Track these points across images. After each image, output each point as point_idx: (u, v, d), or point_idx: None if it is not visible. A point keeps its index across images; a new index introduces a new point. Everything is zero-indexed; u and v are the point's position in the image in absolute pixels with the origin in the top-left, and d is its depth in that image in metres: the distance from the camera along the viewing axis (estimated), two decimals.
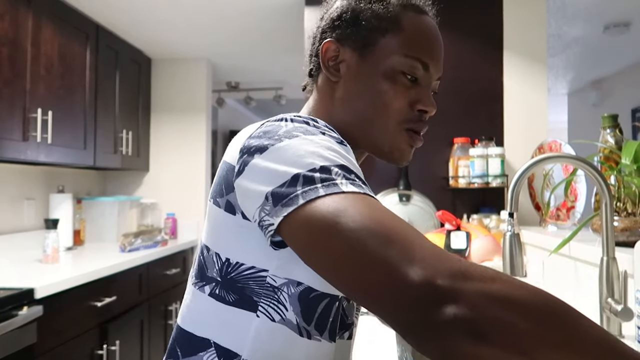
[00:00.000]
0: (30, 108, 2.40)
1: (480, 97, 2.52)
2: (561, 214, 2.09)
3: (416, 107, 0.77)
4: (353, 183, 0.58)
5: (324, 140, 0.64)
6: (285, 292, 0.68)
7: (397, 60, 0.76)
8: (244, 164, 0.64)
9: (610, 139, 1.45)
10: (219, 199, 0.70)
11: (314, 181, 0.58)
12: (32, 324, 1.85)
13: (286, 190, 0.58)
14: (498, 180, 2.31)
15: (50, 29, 2.58)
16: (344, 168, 0.60)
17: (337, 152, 0.63)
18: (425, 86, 0.78)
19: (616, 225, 1.32)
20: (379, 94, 0.76)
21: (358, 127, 0.78)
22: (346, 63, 0.79)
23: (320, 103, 0.82)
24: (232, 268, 0.69)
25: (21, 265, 2.41)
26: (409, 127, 0.78)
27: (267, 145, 0.64)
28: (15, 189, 2.82)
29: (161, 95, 3.94)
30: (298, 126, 0.66)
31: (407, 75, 0.76)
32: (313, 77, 0.85)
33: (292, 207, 0.57)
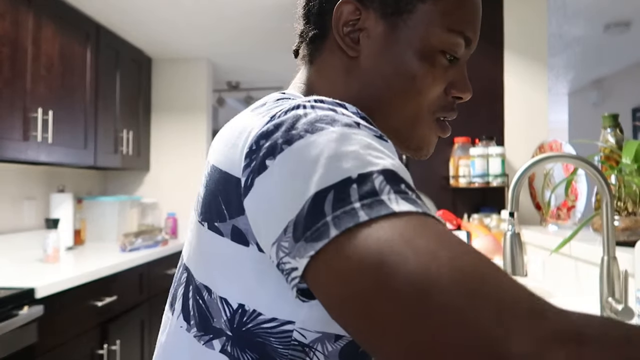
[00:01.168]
0: (30, 108, 2.40)
1: (480, 97, 2.52)
2: (562, 213, 2.08)
3: (451, 93, 0.62)
4: (406, 198, 0.41)
5: (361, 135, 0.46)
6: (320, 351, 0.50)
7: (439, 35, 0.58)
8: (254, 175, 0.46)
9: (611, 139, 1.45)
10: (219, 224, 0.50)
11: (349, 199, 0.40)
12: (32, 324, 1.85)
13: (311, 215, 0.40)
14: (498, 180, 2.31)
15: (50, 29, 2.58)
16: (391, 175, 0.42)
17: (380, 152, 0.45)
18: (460, 67, 0.62)
19: (617, 224, 1.32)
20: (412, 77, 0.59)
21: (380, 117, 0.61)
22: (369, 32, 0.60)
23: (326, 81, 0.63)
24: (248, 318, 0.50)
25: (22, 265, 2.41)
26: (440, 117, 0.63)
27: (280, 144, 0.45)
28: (16, 189, 2.82)
29: (162, 95, 3.94)
30: (323, 115, 0.47)
31: (447, 54, 0.60)
32: (313, 44, 0.64)
33: (320, 242, 0.39)
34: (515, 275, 1.13)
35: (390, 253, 0.36)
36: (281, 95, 0.56)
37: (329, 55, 0.63)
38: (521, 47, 2.52)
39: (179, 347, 0.56)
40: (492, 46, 2.52)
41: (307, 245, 0.40)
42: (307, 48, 0.65)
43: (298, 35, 0.67)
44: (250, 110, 0.54)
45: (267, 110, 0.51)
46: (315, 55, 0.64)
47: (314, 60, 0.64)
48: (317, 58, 0.64)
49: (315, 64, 0.64)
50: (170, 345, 0.57)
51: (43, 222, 2.98)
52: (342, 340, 0.50)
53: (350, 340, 0.51)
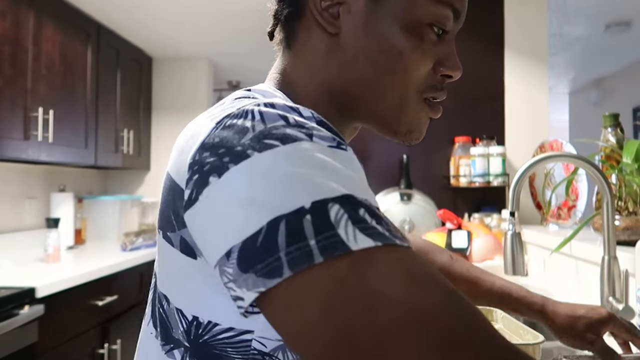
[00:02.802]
0: (31, 107, 2.40)
1: (481, 96, 2.52)
2: (562, 213, 2.08)
3: (439, 70, 0.57)
4: (365, 228, 0.38)
5: (314, 151, 0.42)
6: (280, 359, 0.49)
7: (427, 6, 0.53)
8: (197, 190, 0.43)
9: (612, 138, 1.45)
10: (170, 234, 0.48)
11: (303, 233, 0.37)
12: (33, 323, 1.85)
13: (260, 248, 0.38)
14: (499, 179, 2.31)
15: (51, 28, 2.58)
16: (348, 201, 0.39)
17: (335, 171, 0.41)
18: (448, 42, 0.57)
19: (617, 224, 1.32)
20: (399, 55, 0.54)
21: (365, 99, 0.56)
22: (349, 6, 0.54)
23: (305, 64, 0.58)
24: (204, 329, 0.48)
25: (22, 264, 2.41)
26: (430, 97, 0.58)
27: (225, 163, 0.41)
28: (17, 188, 2.82)
29: (162, 94, 3.95)
30: (272, 127, 0.43)
31: (434, 27, 0.55)
32: (288, 24, 0.59)
33: (272, 280, 0.37)
34: (515, 275, 1.13)
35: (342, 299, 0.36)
36: (243, 93, 0.53)
37: (306, 36, 0.57)
38: (522, 47, 2.51)
39: (150, 353, 0.54)
40: (492, 45, 2.52)
41: (257, 280, 0.38)
42: (283, 30, 0.60)
43: (272, 16, 0.61)
44: (208, 111, 0.52)
45: (218, 112, 0.48)
46: (291, 38, 0.59)
47: (291, 44, 0.59)
48: (293, 40, 0.59)
49: (292, 47, 0.59)
50: (142, 351, 0.56)
51: (44, 221, 2.98)
52: None
53: None
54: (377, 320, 0.35)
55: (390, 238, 0.39)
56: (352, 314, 0.35)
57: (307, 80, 0.58)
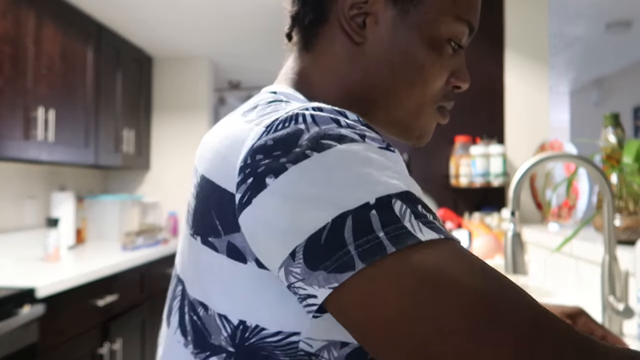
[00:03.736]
0: (31, 107, 2.40)
1: (481, 96, 2.52)
2: (563, 212, 2.08)
3: (451, 82, 0.60)
4: (427, 223, 0.40)
5: (370, 151, 0.43)
6: (326, 358, 0.48)
7: (449, 23, 0.56)
8: (251, 192, 0.43)
9: (612, 138, 1.45)
10: (213, 239, 0.48)
11: (371, 228, 0.38)
12: (33, 323, 1.86)
13: (327, 244, 0.38)
14: (499, 179, 2.31)
15: (51, 28, 2.58)
16: (408, 198, 0.41)
17: (392, 169, 0.43)
18: (460, 56, 0.60)
19: (618, 224, 1.32)
20: (420, 68, 0.57)
21: (384, 106, 0.59)
22: (377, 17, 0.56)
23: (325, 71, 0.59)
24: (251, 333, 0.48)
25: (23, 264, 2.41)
26: (441, 106, 0.62)
27: (284, 164, 0.42)
28: (17, 188, 2.82)
29: (163, 94, 3.95)
30: (327, 129, 0.43)
31: (452, 42, 0.58)
32: (310, 28, 0.59)
33: (345, 274, 0.38)
34: (516, 274, 1.13)
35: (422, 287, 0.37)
36: (273, 96, 0.53)
37: (329, 42, 0.58)
38: (522, 46, 2.51)
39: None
40: (493, 45, 2.52)
41: (328, 276, 0.38)
42: (303, 33, 0.60)
43: (290, 18, 0.61)
44: (241, 114, 0.51)
45: (258, 116, 0.48)
46: (312, 42, 0.59)
47: (310, 48, 0.60)
48: (314, 45, 0.59)
49: (312, 51, 0.59)
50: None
51: (44, 221, 2.98)
52: (348, 347, 0.48)
53: (357, 347, 0.49)
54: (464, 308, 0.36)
55: (448, 233, 0.41)
56: (435, 302, 0.36)
57: (327, 84, 0.59)
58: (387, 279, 0.37)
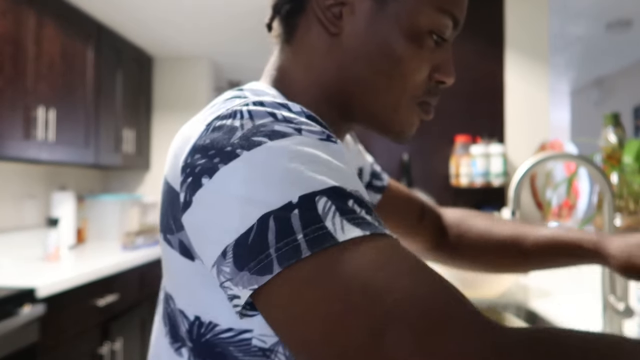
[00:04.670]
0: (32, 106, 2.40)
1: (481, 95, 2.52)
2: (563, 212, 2.08)
3: (435, 77, 0.58)
4: (352, 219, 0.39)
5: (302, 145, 0.43)
6: (282, 352, 0.49)
7: (429, 14, 0.54)
8: (190, 192, 0.44)
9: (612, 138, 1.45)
10: (169, 237, 0.49)
11: (291, 229, 0.38)
12: (34, 323, 1.86)
13: (253, 245, 0.39)
14: (500, 179, 2.31)
15: (52, 28, 2.58)
16: (336, 193, 0.40)
17: (324, 163, 0.42)
18: (445, 50, 0.58)
19: (618, 223, 1.32)
20: (398, 59, 0.54)
21: (361, 99, 0.57)
22: (353, 7, 0.54)
23: (303, 61, 0.57)
24: (205, 329, 0.49)
25: (23, 263, 2.41)
26: (423, 101, 0.59)
27: (216, 164, 0.42)
28: (17, 187, 2.82)
29: (163, 93, 3.95)
30: (260, 125, 0.44)
31: (433, 35, 0.55)
32: (288, 19, 0.58)
33: (264, 277, 0.38)
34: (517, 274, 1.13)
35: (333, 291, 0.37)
36: (234, 93, 0.52)
37: (306, 33, 0.57)
38: (522, 46, 2.51)
39: (161, 350, 0.55)
40: (493, 45, 2.52)
41: (250, 278, 0.39)
42: (282, 24, 0.59)
43: (271, 8, 0.59)
44: (200, 113, 0.52)
45: (209, 115, 0.49)
46: (290, 33, 0.58)
47: (289, 39, 0.58)
48: (293, 36, 0.58)
49: (292, 44, 0.58)
50: (155, 347, 0.57)
51: (44, 221, 2.98)
52: None
53: None
54: (369, 309, 0.35)
55: (380, 227, 0.40)
56: (343, 304, 0.36)
57: (304, 78, 0.58)
58: (301, 283, 0.38)
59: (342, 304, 0.36)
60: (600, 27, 3.59)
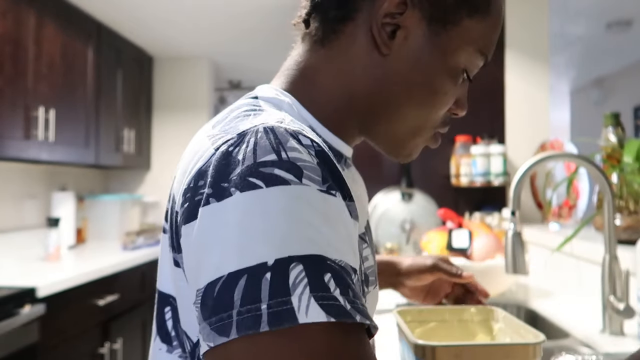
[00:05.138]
0: (32, 106, 2.40)
1: (482, 95, 2.52)
2: (563, 212, 2.09)
3: (452, 109, 0.59)
4: (323, 298, 0.37)
5: (297, 198, 0.40)
6: None
7: (471, 54, 0.56)
8: (187, 218, 0.44)
9: (612, 137, 1.45)
10: (175, 255, 0.48)
11: (259, 294, 0.37)
12: (34, 323, 1.86)
13: (218, 299, 0.38)
14: (500, 179, 2.31)
15: (52, 28, 2.58)
16: (314, 263, 0.38)
17: (314, 222, 0.40)
18: (464, 86, 0.60)
19: (618, 223, 1.32)
20: (435, 92, 0.55)
21: (386, 120, 0.57)
22: (408, 32, 0.53)
23: (336, 68, 0.56)
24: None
25: (23, 263, 2.41)
26: (437, 132, 0.61)
27: (208, 197, 0.41)
28: (18, 187, 2.82)
29: (163, 93, 3.95)
30: (260, 164, 0.41)
31: (464, 71, 0.57)
32: (332, 24, 0.55)
33: (220, 337, 0.37)
34: (517, 274, 1.13)
35: None
36: (248, 103, 0.52)
37: (350, 43, 0.55)
38: (523, 46, 2.51)
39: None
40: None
41: (210, 333, 0.38)
42: (323, 26, 0.56)
43: (311, 4, 0.57)
44: (211, 127, 0.50)
45: (219, 131, 0.47)
46: (330, 38, 0.56)
47: (327, 43, 0.56)
48: (332, 42, 0.56)
49: (327, 48, 0.56)
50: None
51: (45, 220, 2.98)
52: None
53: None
54: None
55: (349, 312, 0.38)
56: None
57: (333, 83, 0.56)
58: (250, 356, 0.37)
59: None
60: (600, 27, 3.59)
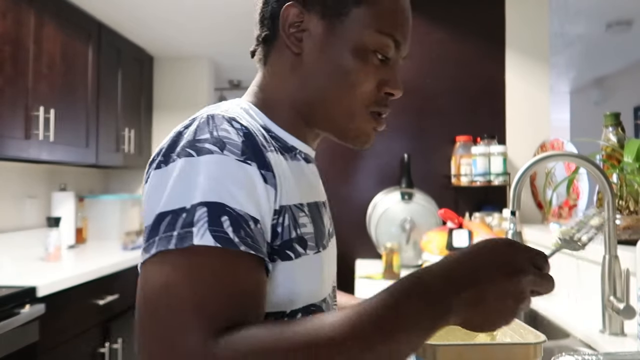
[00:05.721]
0: (32, 106, 2.40)
1: (482, 95, 2.51)
2: (563, 212, 2.09)
3: (383, 90, 0.70)
4: (215, 231, 0.53)
5: (218, 163, 0.56)
6: None
7: (370, 36, 0.67)
8: (147, 173, 0.62)
9: (613, 137, 1.45)
10: None
11: (175, 226, 0.53)
12: (34, 322, 1.86)
13: (151, 229, 0.55)
14: (500, 179, 2.31)
15: (52, 27, 2.58)
16: (216, 208, 0.54)
17: (225, 182, 0.55)
18: (393, 66, 0.71)
19: (618, 223, 1.32)
20: (346, 73, 0.68)
21: (321, 108, 0.71)
22: (310, 33, 0.69)
23: (276, 78, 0.72)
24: None
25: (23, 263, 2.41)
26: (374, 110, 0.71)
27: (159, 162, 0.59)
28: (18, 187, 2.82)
29: (163, 93, 3.95)
30: (197, 140, 0.58)
31: (377, 54, 0.68)
32: (265, 45, 0.73)
33: (146, 254, 0.55)
34: None
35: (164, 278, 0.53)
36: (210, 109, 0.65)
37: (278, 55, 0.71)
38: (523, 46, 2.51)
39: None
40: (493, 44, 2.52)
41: (143, 253, 0.56)
42: (261, 49, 0.74)
43: (255, 39, 0.74)
44: None
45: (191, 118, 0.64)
46: (267, 56, 0.73)
47: (266, 61, 0.73)
48: (269, 58, 0.73)
49: (267, 64, 0.73)
50: None
51: (45, 220, 2.98)
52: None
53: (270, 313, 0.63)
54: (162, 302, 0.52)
55: (235, 243, 0.53)
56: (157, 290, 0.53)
57: (277, 92, 0.72)
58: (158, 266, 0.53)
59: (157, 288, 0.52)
60: (600, 27, 3.59)
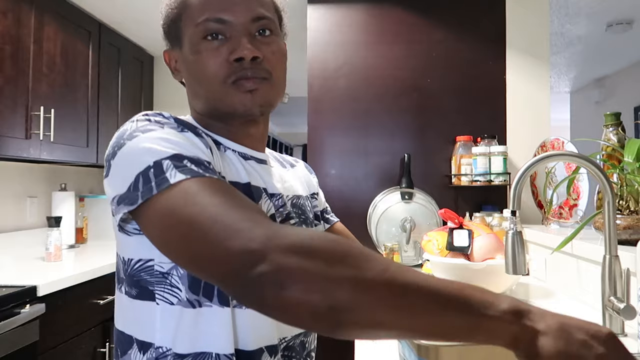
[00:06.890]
0: (32, 106, 2.40)
1: (482, 95, 2.52)
2: (564, 212, 2.08)
3: (231, 57, 0.79)
4: (183, 169, 0.65)
5: (159, 134, 0.71)
6: (175, 274, 0.75)
7: (192, 32, 0.81)
8: (107, 167, 0.74)
9: (613, 137, 1.45)
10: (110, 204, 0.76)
11: (149, 179, 0.65)
12: (34, 322, 1.86)
13: (130, 191, 0.67)
14: (500, 179, 2.31)
15: (52, 27, 2.58)
16: (176, 157, 0.67)
17: (172, 142, 0.69)
18: (234, 37, 0.80)
19: (619, 223, 1.32)
20: (195, 68, 0.82)
21: (204, 105, 0.85)
22: (177, 62, 0.88)
23: (188, 97, 0.91)
24: (128, 265, 0.78)
25: (24, 263, 2.41)
26: (234, 79, 0.80)
27: (115, 151, 0.72)
28: (18, 187, 2.82)
29: (163, 93, 3.94)
30: (140, 125, 0.73)
31: (207, 38, 0.80)
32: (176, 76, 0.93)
33: (132, 207, 0.66)
34: (517, 274, 1.13)
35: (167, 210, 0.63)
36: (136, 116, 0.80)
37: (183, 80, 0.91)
38: (523, 46, 2.51)
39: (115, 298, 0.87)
40: (494, 44, 2.52)
41: (124, 206, 0.68)
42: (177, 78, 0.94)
43: None
44: None
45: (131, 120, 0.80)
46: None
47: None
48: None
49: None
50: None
51: (45, 220, 2.98)
52: None
53: None
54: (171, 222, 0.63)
55: (198, 173, 0.65)
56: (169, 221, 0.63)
57: (191, 107, 0.90)
58: (152, 211, 0.65)
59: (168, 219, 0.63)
60: (600, 27, 3.59)
